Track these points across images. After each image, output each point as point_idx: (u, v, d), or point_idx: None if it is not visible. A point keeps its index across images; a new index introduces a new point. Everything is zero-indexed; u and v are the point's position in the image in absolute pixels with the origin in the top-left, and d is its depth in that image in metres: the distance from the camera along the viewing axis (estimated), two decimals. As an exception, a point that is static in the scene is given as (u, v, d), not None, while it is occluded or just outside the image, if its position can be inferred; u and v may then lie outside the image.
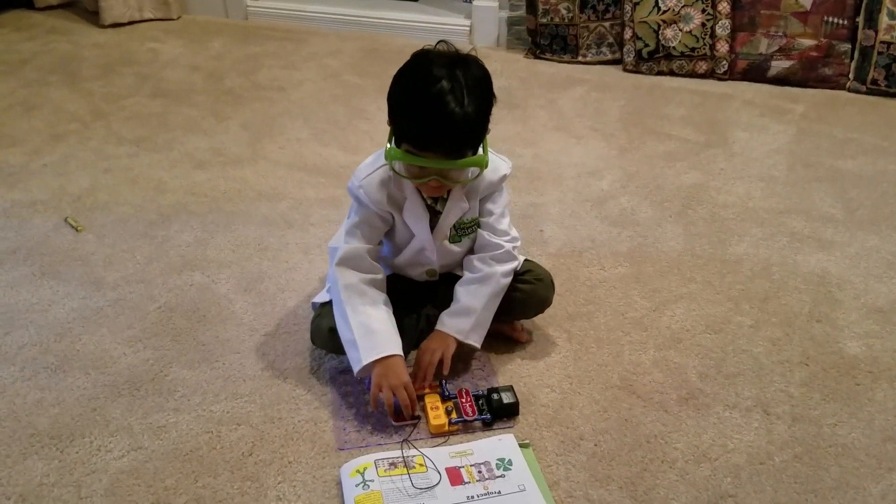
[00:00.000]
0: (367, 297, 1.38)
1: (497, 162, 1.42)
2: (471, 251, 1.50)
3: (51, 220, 1.94)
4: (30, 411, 1.38)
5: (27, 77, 2.81)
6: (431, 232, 1.42)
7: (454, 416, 1.36)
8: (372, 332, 1.34)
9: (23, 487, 1.23)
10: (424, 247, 1.44)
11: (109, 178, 2.15)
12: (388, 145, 1.29)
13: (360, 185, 1.37)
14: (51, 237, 1.87)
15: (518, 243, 1.49)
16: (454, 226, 1.43)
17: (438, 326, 1.45)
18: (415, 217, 1.40)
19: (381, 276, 1.43)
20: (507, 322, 1.55)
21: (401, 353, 1.35)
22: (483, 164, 1.30)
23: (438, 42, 1.31)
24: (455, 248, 1.47)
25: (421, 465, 1.25)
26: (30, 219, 1.94)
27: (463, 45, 1.32)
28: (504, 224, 1.47)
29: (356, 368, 1.34)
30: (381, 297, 1.40)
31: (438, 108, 1.21)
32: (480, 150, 1.33)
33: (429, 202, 1.40)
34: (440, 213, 1.41)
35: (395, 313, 1.42)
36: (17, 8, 3.45)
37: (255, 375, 1.46)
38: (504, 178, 1.44)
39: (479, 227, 1.47)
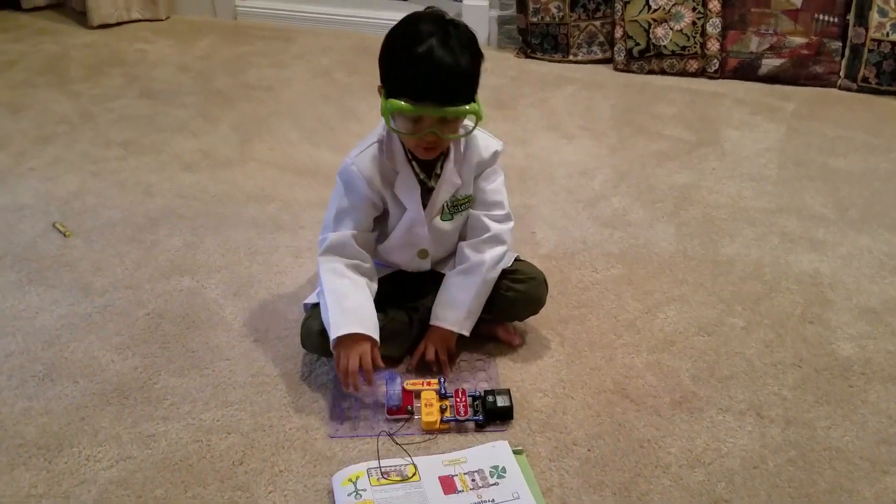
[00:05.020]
0: (346, 278, 1.39)
1: (487, 140, 1.45)
2: (462, 237, 1.50)
3: (38, 224, 1.92)
4: (17, 420, 1.36)
5: (14, 78, 2.78)
6: (424, 208, 1.42)
7: (447, 414, 1.35)
8: (343, 311, 1.36)
9: (10, 499, 1.22)
10: (415, 221, 1.43)
11: (97, 181, 2.13)
12: (384, 102, 1.31)
13: (353, 162, 1.39)
14: (38, 242, 1.85)
15: (511, 223, 1.49)
16: (447, 203, 1.44)
17: (433, 321, 1.46)
18: (406, 189, 1.40)
19: (368, 263, 1.44)
20: (499, 324, 1.55)
21: (368, 332, 1.35)
22: (479, 114, 1.32)
23: (427, 7, 1.35)
24: (447, 226, 1.46)
25: (414, 474, 1.24)
26: (17, 224, 1.92)
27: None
28: (497, 196, 1.48)
29: (332, 348, 1.37)
30: (363, 280, 1.42)
31: (435, 57, 1.25)
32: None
33: (421, 176, 1.41)
34: (432, 189, 1.42)
35: (387, 314, 1.47)
36: (4, 9, 3.41)
37: (246, 382, 1.45)
38: (496, 154, 1.46)
39: (472, 205, 1.47)
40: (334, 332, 1.35)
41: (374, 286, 1.45)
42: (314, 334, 1.43)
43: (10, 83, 2.74)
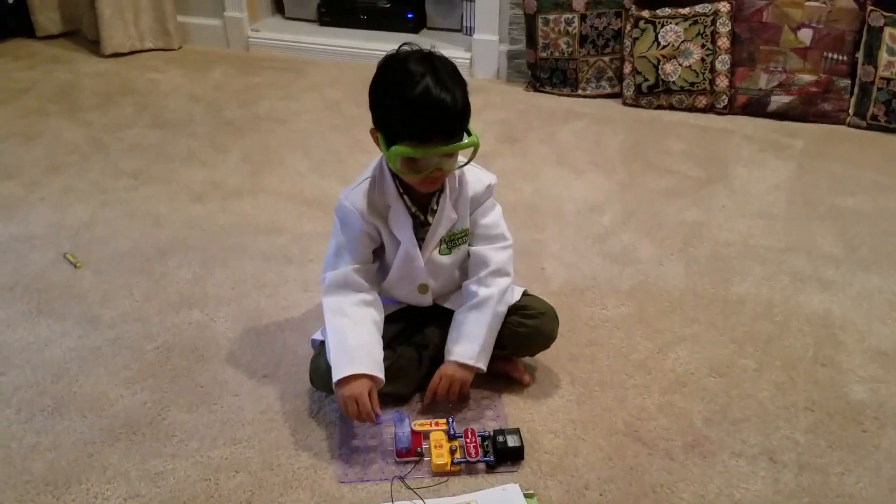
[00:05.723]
0: (346, 317, 1.40)
1: (480, 174, 1.47)
2: (464, 273, 1.50)
3: (48, 254, 1.92)
4: (25, 456, 1.35)
5: (26, 106, 2.81)
6: (421, 244, 1.43)
7: (457, 455, 1.34)
8: (343, 351, 1.36)
9: (16, 537, 1.21)
10: (410, 254, 1.43)
11: (108, 211, 2.14)
12: (385, 150, 1.31)
13: (346, 198, 1.42)
14: (48, 273, 1.86)
15: (510, 251, 1.49)
16: (444, 238, 1.45)
17: (449, 357, 1.45)
18: (398, 222, 1.41)
19: (371, 295, 1.44)
20: (510, 361, 1.54)
21: (368, 371, 1.35)
22: (478, 144, 1.33)
23: (402, 45, 1.34)
24: (445, 260, 1.47)
25: (423, 516, 1.23)
26: (27, 254, 1.93)
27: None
28: (497, 230, 1.49)
29: (334, 390, 1.37)
30: (366, 314, 1.42)
31: (433, 98, 1.25)
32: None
33: (413, 210, 1.41)
34: (428, 225, 1.43)
35: (396, 351, 1.48)
36: (18, 36, 3.45)
37: (254, 419, 1.44)
38: (490, 187, 1.47)
39: (470, 240, 1.48)
40: (335, 375, 1.35)
41: (380, 318, 1.44)
42: (322, 372, 1.42)
43: (23, 111, 2.76)
